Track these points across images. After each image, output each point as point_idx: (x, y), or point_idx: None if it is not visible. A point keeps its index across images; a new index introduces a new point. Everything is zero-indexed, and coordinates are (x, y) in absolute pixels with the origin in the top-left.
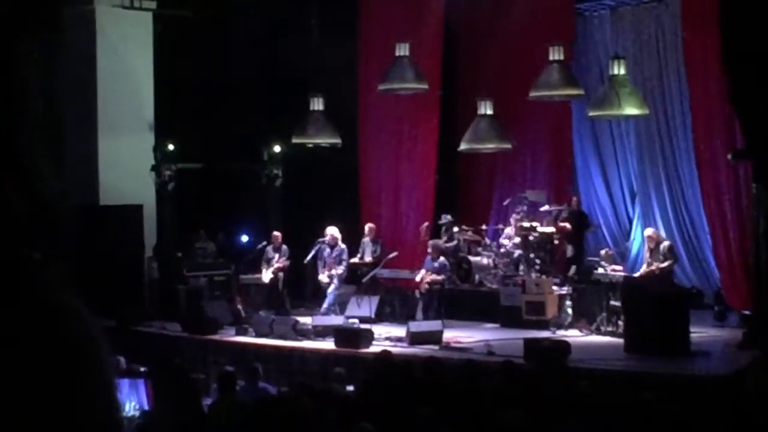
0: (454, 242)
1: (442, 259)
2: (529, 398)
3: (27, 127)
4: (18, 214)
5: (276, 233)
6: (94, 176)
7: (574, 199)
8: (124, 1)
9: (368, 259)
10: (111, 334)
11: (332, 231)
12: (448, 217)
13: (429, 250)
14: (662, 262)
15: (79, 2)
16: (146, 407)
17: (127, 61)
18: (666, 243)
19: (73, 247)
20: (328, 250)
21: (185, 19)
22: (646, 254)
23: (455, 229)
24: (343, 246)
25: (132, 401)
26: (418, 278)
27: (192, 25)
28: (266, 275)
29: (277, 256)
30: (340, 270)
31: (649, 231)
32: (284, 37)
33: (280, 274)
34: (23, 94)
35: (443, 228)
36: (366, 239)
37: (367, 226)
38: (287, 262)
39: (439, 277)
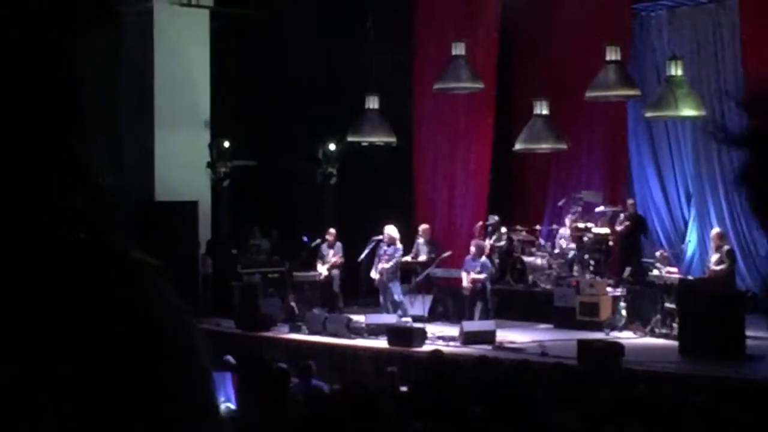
0: (503, 242)
1: (483, 258)
2: (583, 400)
3: (85, 125)
4: (77, 211)
5: (331, 230)
6: (150, 173)
7: (630, 202)
8: None
9: (422, 258)
10: None
11: (390, 230)
12: (496, 217)
13: (471, 250)
14: (718, 264)
15: (137, 0)
16: (233, 402)
17: (183, 59)
18: (725, 247)
19: (129, 242)
20: (383, 248)
21: (242, 16)
22: (711, 254)
23: (503, 229)
24: (400, 246)
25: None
26: (463, 279)
27: (248, 22)
28: (322, 270)
29: (331, 253)
30: (387, 265)
31: (713, 232)
32: (340, 35)
33: (335, 272)
34: (82, 92)
35: (489, 228)
36: (420, 240)
37: (422, 227)
38: (342, 259)
39: (480, 276)
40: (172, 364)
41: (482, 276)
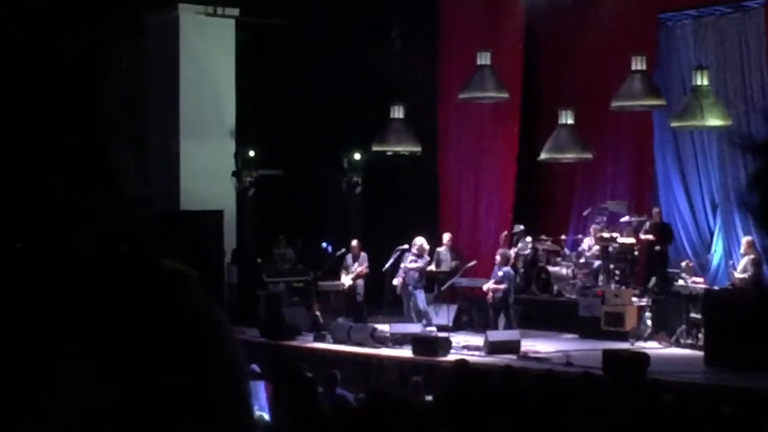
0: (528, 251)
1: (506, 268)
2: (609, 410)
3: (113, 134)
4: (104, 219)
5: (354, 242)
6: (175, 182)
7: (656, 210)
8: (207, 8)
9: (445, 268)
10: None
11: (420, 241)
12: (521, 227)
13: (497, 259)
14: (742, 273)
15: (164, 9)
16: (266, 411)
17: (209, 68)
18: (751, 256)
19: (154, 251)
20: (409, 257)
21: (267, 26)
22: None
23: (528, 238)
24: (427, 258)
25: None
26: (485, 288)
27: (274, 32)
28: (346, 280)
29: (356, 265)
30: (411, 266)
31: (744, 238)
32: (365, 45)
33: (359, 281)
34: (110, 100)
35: (514, 237)
36: (442, 249)
37: (445, 236)
38: (367, 270)
39: (500, 286)
40: (214, 371)
41: (502, 286)
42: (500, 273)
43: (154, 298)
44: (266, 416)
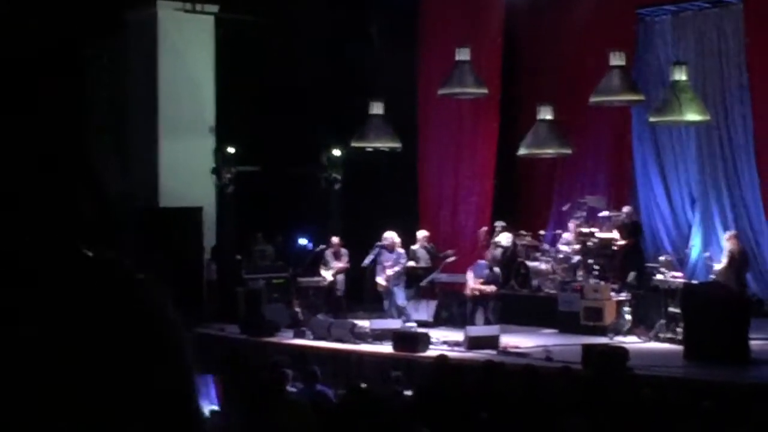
0: (507, 245)
1: (496, 270)
2: (589, 405)
3: (93, 130)
4: (84, 215)
5: (335, 239)
6: (155, 178)
7: (626, 210)
8: (186, 5)
9: (424, 264)
10: None
11: (391, 235)
12: (502, 223)
13: (488, 258)
14: (719, 263)
15: (142, 6)
16: (216, 405)
17: (188, 65)
18: (728, 247)
19: (134, 248)
20: (386, 253)
21: (247, 23)
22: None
23: (507, 234)
24: (402, 250)
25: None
26: (472, 285)
27: (253, 29)
28: (327, 275)
29: (336, 262)
30: (397, 268)
31: (729, 232)
32: (345, 42)
33: (339, 277)
34: (90, 97)
35: (495, 232)
36: (415, 246)
37: (419, 234)
38: (348, 264)
39: (491, 288)
40: (162, 370)
41: (492, 288)
42: (489, 273)
43: (105, 297)
44: (216, 408)
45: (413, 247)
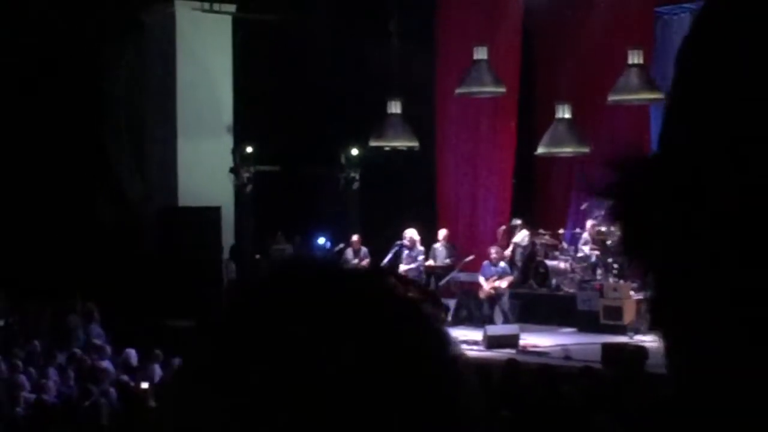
0: (526, 244)
1: (503, 264)
2: (609, 403)
3: (113, 130)
4: (104, 214)
5: (355, 237)
6: (173, 178)
7: None
8: (203, 4)
9: (441, 262)
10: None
11: (411, 233)
12: (518, 221)
13: (492, 255)
14: None
15: (160, 6)
16: None
17: (206, 64)
18: None
19: (153, 247)
20: (406, 251)
21: (264, 22)
22: None
23: (525, 232)
24: (421, 248)
25: None
26: (487, 286)
27: (271, 28)
28: None
29: (357, 261)
30: (413, 266)
31: None
32: (363, 41)
33: None
34: (109, 97)
35: (513, 230)
36: (437, 245)
37: (441, 232)
38: (368, 263)
39: (504, 282)
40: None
41: (505, 282)
42: (498, 269)
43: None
44: None
45: (435, 246)
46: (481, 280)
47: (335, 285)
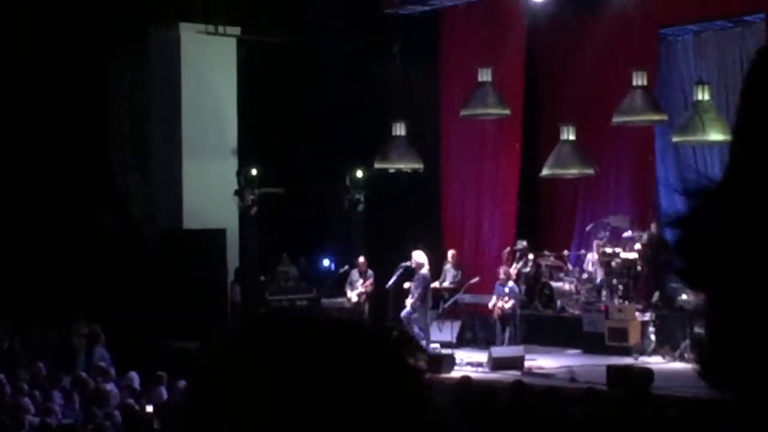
0: (529, 268)
1: (511, 284)
2: (615, 425)
3: (118, 150)
4: (110, 236)
5: (361, 259)
6: (178, 200)
7: (653, 224)
8: (208, 27)
9: (449, 284)
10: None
11: (416, 256)
12: (524, 242)
13: (500, 276)
14: None
15: (165, 28)
16: None
17: (211, 87)
18: None
19: (158, 269)
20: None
21: (268, 44)
22: None
23: (530, 255)
24: (424, 272)
25: None
26: (490, 305)
27: (275, 50)
28: (352, 296)
29: (362, 280)
30: (410, 300)
31: None
32: (367, 63)
33: (364, 299)
34: (114, 119)
35: (518, 254)
36: (448, 265)
37: (450, 253)
38: (373, 286)
39: (511, 303)
40: None
41: (512, 301)
42: (506, 290)
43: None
44: None
45: (445, 267)
46: (494, 299)
47: (309, 342)
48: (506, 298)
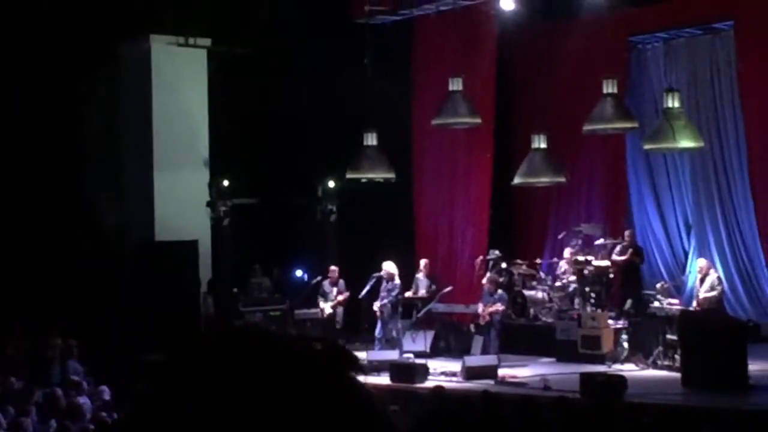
0: (503, 278)
1: (500, 291)
2: None
3: (89, 162)
4: (81, 248)
5: (333, 268)
6: (150, 212)
7: (628, 232)
8: (179, 39)
9: (422, 293)
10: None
11: (388, 266)
12: (497, 252)
13: (486, 285)
14: (709, 292)
15: (135, 40)
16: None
17: (182, 98)
18: (714, 275)
19: (130, 281)
20: (384, 283)
21: (239, 56)
22: (697, 284)
23: (503, 264)
24: (397, 282)
25: None
26: (480, 310)
27: (246, 62)
28: (326, 307)
29: (334, 290)
30: (385, 302)
31: (700, 261)
32: (338, 72)
33: (339, 310)
34: (85, 131)
35: (491, 263)
36: (420, 275)
37: (422, 262)
38: (346, 296)
39: (501, 307)
40: None
41: (501, 308)
42: (496, 296)
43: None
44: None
45: (418, 276)
46: (481, 307)
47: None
48: (498, 304)
